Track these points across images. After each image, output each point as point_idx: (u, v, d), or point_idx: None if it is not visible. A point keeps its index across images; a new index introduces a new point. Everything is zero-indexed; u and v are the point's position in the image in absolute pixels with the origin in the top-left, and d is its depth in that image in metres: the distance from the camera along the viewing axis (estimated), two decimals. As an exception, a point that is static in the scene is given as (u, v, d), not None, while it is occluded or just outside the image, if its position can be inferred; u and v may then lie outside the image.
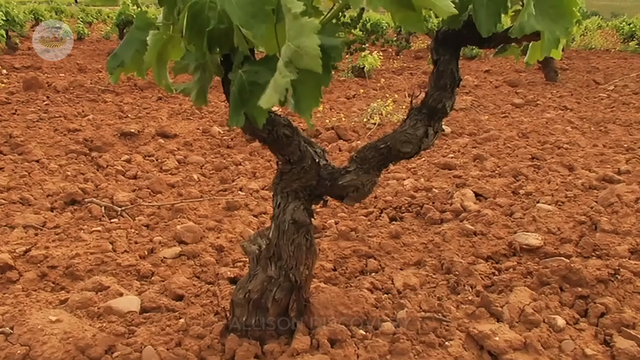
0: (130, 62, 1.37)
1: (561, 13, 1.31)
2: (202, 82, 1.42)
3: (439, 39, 1.43)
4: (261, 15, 1.19)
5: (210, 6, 1.20)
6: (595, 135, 4.57)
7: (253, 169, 3.69)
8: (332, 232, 2.68)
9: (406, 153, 1.46)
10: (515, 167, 3.53)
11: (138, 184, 3.39)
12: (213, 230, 2.69)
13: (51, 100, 5.84)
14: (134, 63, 1.38)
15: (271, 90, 1.16)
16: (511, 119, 5.29)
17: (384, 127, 4.68)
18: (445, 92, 1.43)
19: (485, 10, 1.23)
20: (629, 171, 3.37)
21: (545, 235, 2.50)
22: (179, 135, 4.45)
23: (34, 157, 3.76)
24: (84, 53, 10.85)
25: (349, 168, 1.52)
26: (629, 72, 8.33)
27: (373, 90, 6.68)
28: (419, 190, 3.18)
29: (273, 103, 1.15)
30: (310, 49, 1.10)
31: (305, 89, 1.20)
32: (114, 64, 1.38)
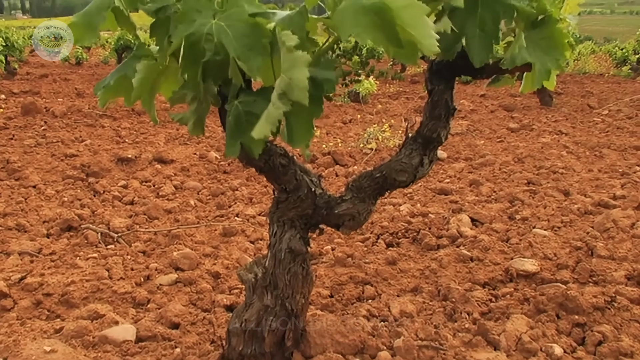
0: (114, 85, 1.37)
1: (552, 45, 1.34)
2: (199, 112, 1.43)
3: (433, 70, 1.45)
4: (257, 48, 1.21)
5: (207, 38, 1.21)
6: (591, 160, 4.60)
7: (250, 195, 3.70)
8: (328, 258, 2.68)
9: (402, 182, 1.47)
10: (511, 192, 3.54)
11: (135, 209, 3.39)
12: (209, 257, 2.68)
13: (49, 125, 5.86)
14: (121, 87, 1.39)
15: (264, 121, 1.18)
16: (507, 143, 5.32)
17: (380, 152, 4.70)
18: (439, 122, 1.45)
19: (478, 42, 1.25)
20: (624, 196, 3.39)
21: (542, 261, 2.51)
22: (176, 161, 4.46)
23: (31, 183, 3.77)
24: (83, 78, 10.92)
25: (345, 197, 1.53)
26: (623, 96, 8.42)
27: (369, 115, 6.73)
28: (415, 215, 3.18)
29: (265, 134, 1.17)
30: (299, 82, 1.12)
31: (298, 120, 1.21)
32: (100, 86, 1.39)
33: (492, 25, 1.24)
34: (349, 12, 1.13)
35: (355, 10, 1.12)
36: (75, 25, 1.35)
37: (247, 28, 1.22)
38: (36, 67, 12.85)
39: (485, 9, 1.25)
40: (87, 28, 1.36)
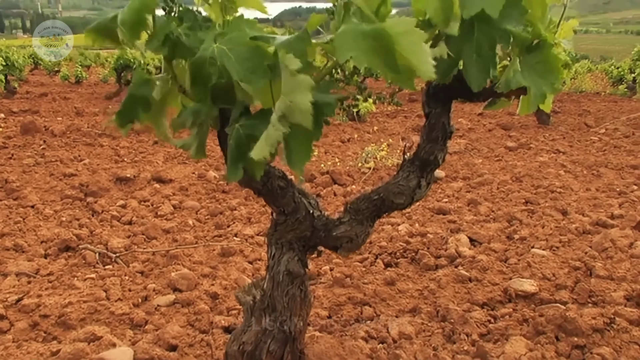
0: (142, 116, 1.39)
1: (547, 69, 1.35)
2: (201, 136, 1.44)
3: (430, 93, 1.47)
4: (259, 71, 1.22)
5: (211, 62, 1.23)
6: (588, 179, 4.61)
7: (248, 214, 3.70)
8: (327, 278, 2.68)
9: (399, 204, 1.48)
10: (509, 212, 3.55)
11: (133, 229, 3.38)
12: (208, 277, 2.68)
13: (48, 144, 5.88)
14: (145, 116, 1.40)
15: (263, 143, 1.19)
16: (505, 162, 5.34)
17: (378, 172, 4.71)
18: (437, 145, 1.46)
19: (475, 67, 1.27)
20: (622, 215, 3.40)
21: (541, 281, 2.50)
22: (175, 180, 4.47)
23: (29, 203, 3.77)
24: (82, 97, 10.97)
25: (343, 219, 1.53)
26: (619, 115, 8.46)
27: (367, 134, 6.75)
28: (413, 235, 3.19)
29: (264, 155, 1.18)
30: (302, 105, 1.13)
31: (297, 143, 1.22)
32: (125, 119, 1.39)
33: (488, 50, 1.26)
34: (348, 36, 1.14)
35: (354, 35, 1.14)
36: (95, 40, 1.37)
37: (249, 51, 1.23)
38: (36, 86, 12.91)
39: (481, 34, 1.26)
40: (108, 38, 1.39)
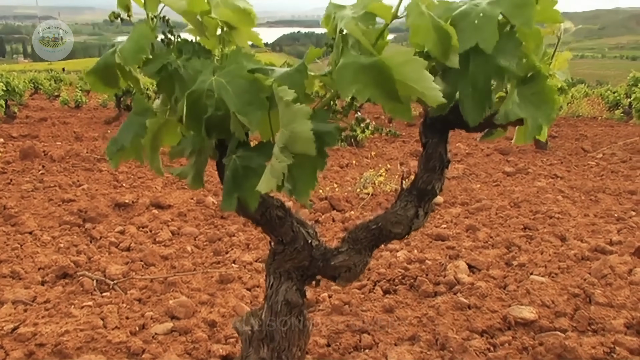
0: (130, 147, 1.40)
1: (543, 100, 1.37)
2: (198, 165, 1.45)
3: (427, 123, 1.48)
4: (257, 103, 1.24)
5: (208, 94, 1.25)
6: (586, 204, 4.62)
7: (247, 240, 3.69)
8: (325, 305, 2.66)
9: (397, 234, 1.48)
10: (507, 238, 3.55)
11: (131, 256, 3.37)
12: (206, 305, 2.66)
13: (47, 169, 5.89)
14: (133, 147, 1.42)
15: (268, 175, 1.20)
16: (503, 187, 5.36)
17: (377, 197, 4.72)
18: (434, 174, 1.46)
19: (471, 101, 1.28)
20: (620, 242, 3.40)
21: (540, 308, 2.50)
22: (173, 206, 4.47)
23: (27, 229, 3.76)
24: (81, 121, 11.01)
25: (341, 248, 1.54)
26: (616, 139, 8.51)
27: (366, 159, 6.78)
28: (412, 262, 3.18)
29: (271, 187, 1.19)
30: (303, 134, 1.15)
31: (301, 173, 1.23)
32: (114, 148, 1.41)
33: (483, 84, 1.27)
34: (348, 70, 1.16)
35: (355, 68, 1.16)
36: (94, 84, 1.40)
37: (247, 84, 1.25)
38: (35, 111, 12.95)
39: (476, 68, 1.28)
40: (107, 83, 1.41)
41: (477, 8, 1.29)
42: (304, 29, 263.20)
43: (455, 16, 1.30)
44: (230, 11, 1.32)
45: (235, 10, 1.32)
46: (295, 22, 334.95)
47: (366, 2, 1.22)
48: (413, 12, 1.23)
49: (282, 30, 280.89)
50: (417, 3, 1.23)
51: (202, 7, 1.35)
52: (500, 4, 1.27)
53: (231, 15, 1.33)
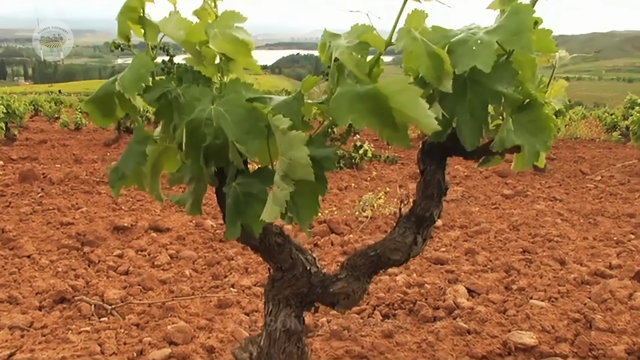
0: (131, 175, 1.41)
1: (540, 127, 1.38)
2: (197, 192, 1.46)
3: (425, 150, 1.49)
4: (255, 132, 1.25)
5: (207, 123, 1.26)
6: (585, 227, 4.62)
7: (245, 264, 3.68)
8: (324, 330, 2.64)
9: (396, 261, 1.48)
10: (507, 262, 3.54)
11: (129, 280, 3.36)
12: (204, 330, 2.65)
13: (46, 192, 5.89)
14: (134, 175, 1.43)
15: (271, 204, 1.20)
16: (502, 210, 5.36)
17: (376, 220, 4.71)
18: (432, 201, 1.47)
19: (469, 127, 1.30)
20: (620, 265, 3.39)
21: (540, 333, 2.48)
22: (172, 229, 4.46)
23: (25, 253, 3.75)
24: (81, 143, 11.03)
25: (340, 275, 1.53)
26: (614, 162, 8.53)
27: (365, 182, 6.79)
28: (411, 286, 3.17)
29: (275, 216, 1.19)
30: (301, 160, 1.15)
31: (303, 199, 1.24)
32: (116, 177, 1.41)
33: (480, 110, 1.29)
34: (344, 99, 1.17)
35: (350, 97, 1.17)
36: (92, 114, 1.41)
37: (245, 113, 1.26)
38: (35, 133, 13.00)
39: (473, 95, 1.30)
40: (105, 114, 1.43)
41: (475, 36, 1.31)
42: (303, 51, 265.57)
43: (452, 43, 1.32)
44: (227, 43, 1.34)
45: (233, 41, 1.34)
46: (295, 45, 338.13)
47: (359, 31, 1.24)
48: (405, 37, 1.24)
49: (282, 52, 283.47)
50: (409, 29, 1.25)
51: (201, 38, 1.37)
52: (498, 33, 1.29)
53: (228, 47, 1.35)
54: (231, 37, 1.34)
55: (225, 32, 1.33)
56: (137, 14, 1.40)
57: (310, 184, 1.17)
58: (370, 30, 1.23)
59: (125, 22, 1.41)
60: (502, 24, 1.30)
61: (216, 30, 1.32)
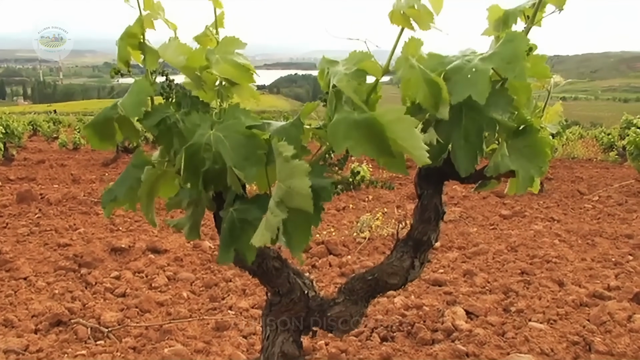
0: (123, 198, 1.41)
1: (535, 152, 1.39)
2: (195, 217, 1.46)
3: (422, 175, 1.50)
4: (253, 158, 1.26)
5: (206, 148, 1.27)
6: (583, 248, 4.61)
7: (243, 286, 3.66)
8: (322, 354, 2.63)
9: (393, 285, 1.49)
10: (505, 283, 3.53)
11: (126, 302, 3.34)
12: (201, 353, 2.63)
13: (43, 212, 5.89)
14: (127, 198, 1.43)
15: (263, 229, 1.20)
16: (499, 231, 5.36)
17: (374, 242, 4.71)
18: (429, 225, 1.48)
19: (463, 152, 1.31)
20: (618, 287, 3.39)
21: (539, 356, 2.47)
22: (170, 250, 4.45)
23: (22, 275, 3.73)
24: (79, 163, 11.04)
25: (338, 299, 1.53)
26: (612, 182, 8.55)
27: (363, 202, 6.79)
28: (409, 308, 3.16)
29: (265, 241, 1.19)
30: (301, 190, 1.16)
31: (296, 227, 1.24)
32: (108, 198, 1.42)
33: (475, 136, 1.30)
34: (341, 126, 1.19)
35: (347, 124, 1.18)
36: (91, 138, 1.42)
37: (243, 139, 1.27)
38: (34, 153, 13.00)
39: (469, 121, 1.31)
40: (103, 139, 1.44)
41: (470, 64, 1.32)
42: (301, 71, 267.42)
43: (448, 70, 1.34)
44: (231, 67, 1.35)
45: (235, 66, 1.36)
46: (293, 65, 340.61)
47: (357, 59, 1.26)
48: (403, 66, 1.26)
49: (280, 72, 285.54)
50: (407, 57, 1.27)
51: (201, 63, 1.38)
52: (492, 60, 1.30)
53: (232, 72, 1.36)
54: (233, 62, 1.36)
55: (226, 57, 1.35)
56: (137, 39, 1.42)
57: (304, 213, 1.17)
58: (368, 57, 1.24)
59: (126, 47, 1.43)
60: (496, 52, 1.31)
61: (217, 56, 1.34)
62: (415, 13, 1.20)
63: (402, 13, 1.21)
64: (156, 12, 1.37)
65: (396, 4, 1.24)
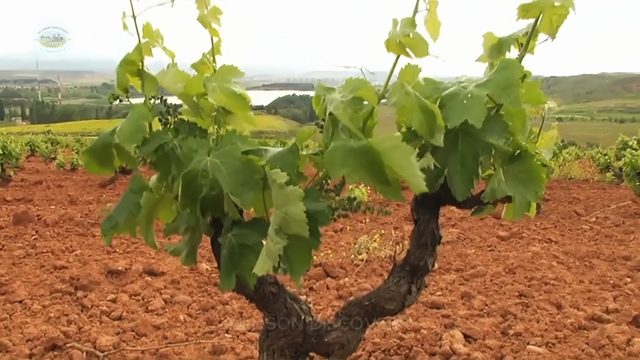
0: (124, 224, 1.42)
1: (530, 178, 1.41)
2: (192, 242, 1.47)
3: (419, 200, 1.51)
4: (250, 184, 1.27)
5: (203, 174, 1.27)
6: (581, 270, 4.61)
7: (240, 309, 3.64)
8: (319, 378, 2.61)
9: (390, 310, 1.48)
10: (503, 306, 3.52)
11: (123, 325, 3.31)
12: (197, 378, 2.60)
13: (40, 234, 5.86)
14: (127, 224, 1.44)
15: (264, 257, 1.21)
16: (497, 252, 5.35)
17: (371, 264, 4.69)
18: (426, 250, 1.48)
19: (459, 177, 1.32)
20: (617, 310, 3.37)
21: (538, 381, 2.45)
22: (167, 273, 4.43)
23: (17, 298, 3.71)
24: (76, 184, 11.03)
25: (335, 325, 1.53)
26: (609, 202, 8.57)
27: (360, 223, 6.78)
28: (407, 331, 3.14)
29: (268, 269, 1.20)
30: (296, 216, 1.16)
31: (296, 253, 1.24)
32: (108, 225, 1.42)
33: (471, 161, 1.31)
34: (338, 154, 1.20)
35: (344, 152, 1.19)
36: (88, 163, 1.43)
37: (240, 165, 1.28)
38: (31, 174, 13.00)
39: (465, 147, 1.32)
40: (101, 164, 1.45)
41: (465, 90, 1.34)
42: (298, 91, 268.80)
43: (444, 96, 1.36)
44: (225, 96, 1.37)
45: (231, 95, 1.37)
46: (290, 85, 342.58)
47: (353, 86, 1.27)
48: (399, 92, 1.28)
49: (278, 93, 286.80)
50: (402, 83, 1.29)
51: (199, 90, 1.40)
52: (487, 87, 1.32)
53: (226, 100, 1.38)
54: (230, 91, 1.37)
55: (223, 86, 1.37)
56: (135, 66, 1.44)
57: (304, 239, 1.18)
58: (364, 85, 1.26)
59: (124, 74, 1.44)
60: (491, 78, 1.33)
61: (214, 84, 1.35)
62: (411, 41, 1.22)
63: (397, 41, 1.23)
64: (155, 39, 1.39)
65: (392, 32, 1.26)
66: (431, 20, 1.25)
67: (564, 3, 1.29)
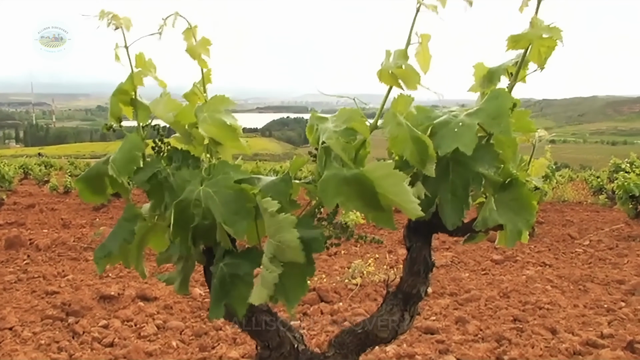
0: (117, 253, 1.41)
1: (522, 206, 1.41)
2: (185, 271, 1.46)
3: (411, 228, 1.51)
4: (242, 213, 1.27)
5: (195, 203, 1.28)
6: (575, 294, 4.60)
7: (234, 334, 3.61)
8: (313, 406, 2.58)
9: (383, 338, 1.48)
10: (497, 331, 3.51)
11: (114, 352, 3.27)
12: (189, 406, 2.57)
13: (32, 259, 5.83)
14: (121, 253, 1.43)
15: (260, 287, 1.21)
16: (491, 276, 5.34)
17: (365, 288, 4.67)
18: (419, 278, 1.48)
19: (450, 206, 1.33)
20: (612, 335, 3.37)
21: (533, 408, 2.44)
22: (159, 298, 4.39)
23: (8, 325, 3.66)
24: (70, 207, 10.97)
25: (328, 353, 1.52)
26: (602, 225, 8.60)
27: (354, 247, 6.77)
28: (401, 357, 3.12)
29: (264, 299, 1.19)
30: (290, 242, 1.17)
31: (291, 281, 1.24)
32: (101, 254, 1.42)
33: (462, 190, 1.32)
34: (331, 182, 1.20)
35: (337, 181, 1.20)
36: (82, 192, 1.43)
37: (233, 194, 1.28)
38: (24, 197, 12.93)
39: (456, 176, 1.33)
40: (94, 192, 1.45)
41: (456, 119, 1.36)
42: (292, 114, 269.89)
43: (435, 125, 1.37)
44: (215, 128, 1.38)
45: (221, 126, 1.38)
46: (284, 108, 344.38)
47: (346, 116, 1.28)
48: (391, 122, 1.29)
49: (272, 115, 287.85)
50: (395, 114, 1.30)
51: (190, 120, 1.41)
52: (478, 116, 1.34)
53: (216, 132, 1.39)
54: (220, 122, 1.38)
55: (214, 116, 1.38)
56: (128, 96, 1.45)
57: (299, 266, 1.18)
58: (357, 115, 1.27)
59: (118, 104, 1.45)
60: (482, 107, 1.35)
61: (205, 114, 1.37)
62: (403, 73, 1.24)
63: (390, 73, 1.24)
64: (147, 69, 1.40)
65: (384, 63, 1.28)
66: (422, 53, 1.27)
67: (553, 35, 1.31)
